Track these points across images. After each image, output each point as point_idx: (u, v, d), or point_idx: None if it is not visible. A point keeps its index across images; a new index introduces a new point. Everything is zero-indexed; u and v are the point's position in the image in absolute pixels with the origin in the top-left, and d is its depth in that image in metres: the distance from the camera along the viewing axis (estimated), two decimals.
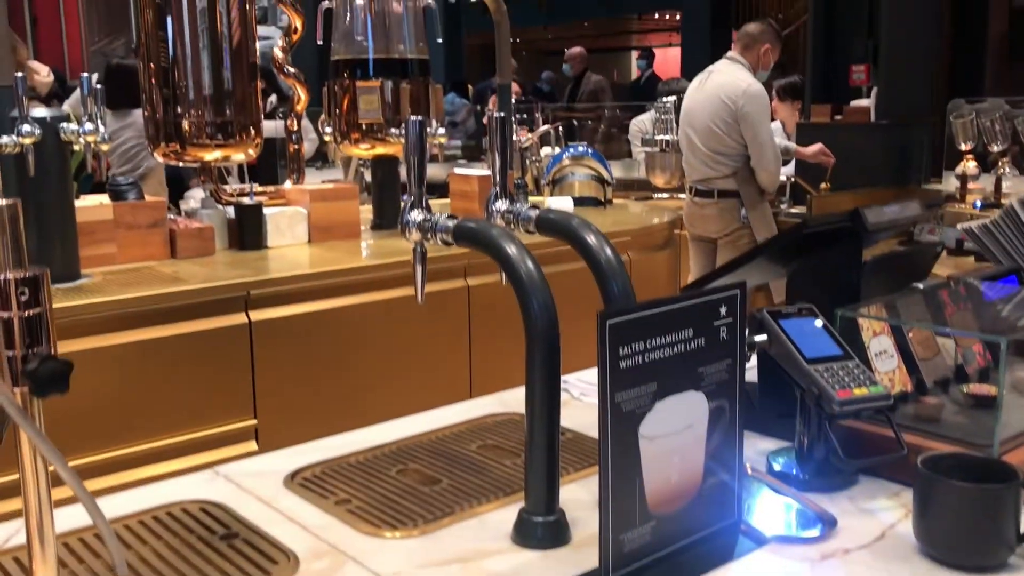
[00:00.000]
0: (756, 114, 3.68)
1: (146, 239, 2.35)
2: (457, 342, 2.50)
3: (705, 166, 3.84)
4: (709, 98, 3.78)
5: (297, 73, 2.80)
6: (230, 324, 2.09)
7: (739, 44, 3.94)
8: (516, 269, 0.98)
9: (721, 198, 3.86)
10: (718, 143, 3.76)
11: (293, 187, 2.77)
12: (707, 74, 3.93)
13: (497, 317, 2.46)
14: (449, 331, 2.47)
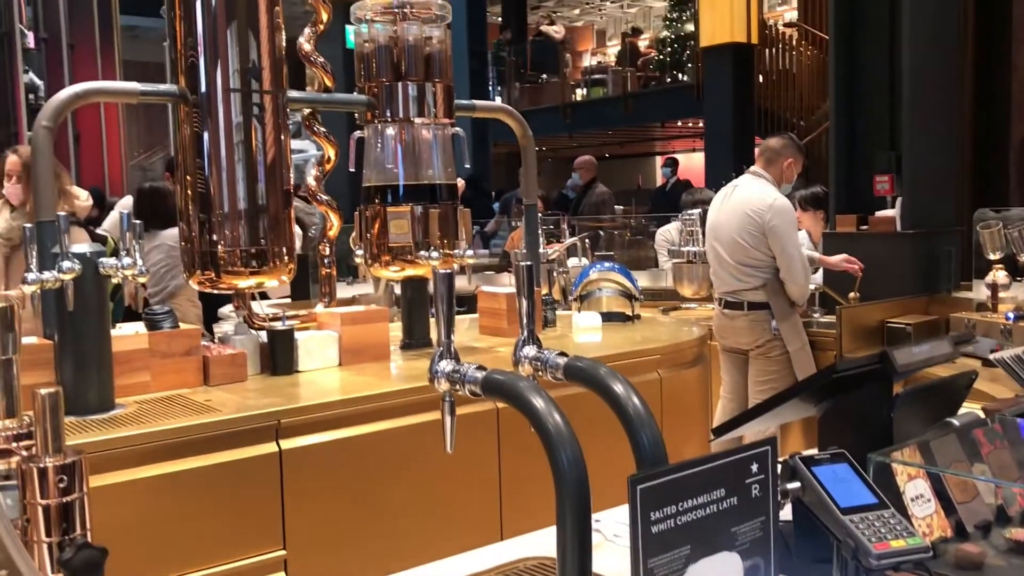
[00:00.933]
0: (783, 227, 3.74)
1: (180, 367, 2.38)
2: (487, 463, 2.48)
3: (734, 279, 3.87)
4: (735, 212, 3.84)
5: (330, 200, 2.88)
6: (261, 453, 2.10)
7: (762, 159, 4.02)
8: (544, 423, 0.99)
9: (751, 310, 3.88)
10: (746, 256, 3.80)
11: (324, 310, 2.81)
12: (732, 188, 4.00)
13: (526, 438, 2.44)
14: (479, 453, 2.46)
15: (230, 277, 2.50)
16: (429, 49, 2.85)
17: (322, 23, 2.80)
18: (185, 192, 2.48)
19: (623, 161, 18.97)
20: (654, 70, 14.52)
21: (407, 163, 2.85)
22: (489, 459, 2.46)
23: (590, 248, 5.23)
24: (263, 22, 2.47)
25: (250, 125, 2.46)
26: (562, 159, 20.06)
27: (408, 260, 2.85)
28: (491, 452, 2.47)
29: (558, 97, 14.70)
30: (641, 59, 14.92)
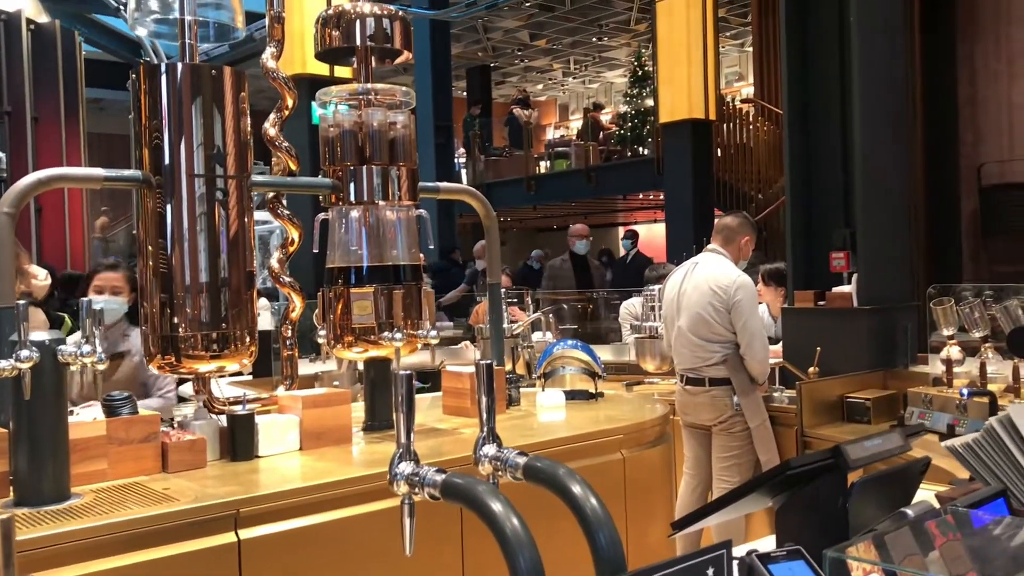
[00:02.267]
0: (747, 303, 3.82)
1: (139, 453, 2.35)
2: (451, 550, 2.45)
3: (694, 355, 3.91)
4: (698, 289, 3.91)
5: (292, 282, 2.88)
6: (219, 544, 2.06)
7: (720, 236, 4.11)
8: (502, 528, 0.99)
9: (712, 386, 3.92)
10: (709, 331, 3.86)
11: (286, 393, 2.80)
12: (692, 265, 4.08)
13: None
14: (442, 540, 2.43)
15: (191, 361, 2.48)
16: (393, 134, 2.90)
17: (287, 108, 2.84)
18: (147, 272, 2.48)
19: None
20: (615, 144, 14.81)
21: (371, 244, 2.87)
22: (452, 547, 2.44)
23: (554, 322, 5.26)
24: (229, 109, 2.51)
25: (213, 209, 2.47)
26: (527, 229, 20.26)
27: (371, 341, 2.85)
28: (455, 540, 2.44)
29: (522, 169, 14.90)
30: (603, 133, 15.22)
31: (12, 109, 10.96)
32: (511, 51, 19.72)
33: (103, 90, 16.61)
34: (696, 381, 3.94)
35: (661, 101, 11.05)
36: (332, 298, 2.89)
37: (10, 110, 10.97)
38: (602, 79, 23.01)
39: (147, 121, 2.46)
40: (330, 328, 2.90)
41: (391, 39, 2.93)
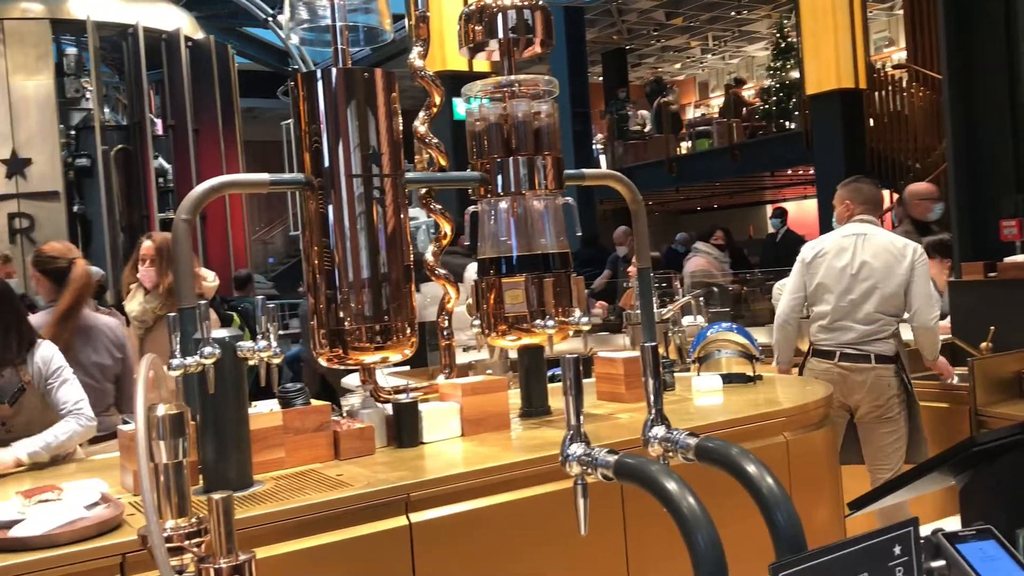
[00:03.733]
0: (926, 270, 3.85)
1: (313, 442, 2.47)
2: (613, 532, 2.46)
3: (867, 329, 3.85)
4: (879, 257, 3.87)
5: (447, 275, 2.96)
6: (391, 527, 2.15)
7: (868, 206, 4.06)
8: (678, 506, 1.00)
9: (879, 363, 3.80)
10: (896, 302, 3.85)
11: (446, 381, 2.88)
12: (858, 237, 3.98)
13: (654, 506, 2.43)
14: (605, 522, 2.45)
15: (357, 353, 2.59)
16: (538, 124, 2.93)
17: (435, 106, 2.91)
18: (312, 269, 2.60)
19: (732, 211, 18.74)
20: (760, 120, 14.40)
21: (520, 234, 2.92)
22: (615, 528, 2.45)
23: (704, 305, 5.18)
24: (381, 110, 2.60)
25: (371, 207, 2.57)
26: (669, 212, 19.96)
27: (524, 329, 2.89)
28: (616, 521, 2.46)
29: (663, 151, 14.71)
30: (746, 109, 14.82)
31: (175, 122, 11.69)
32: (646, 32, 19.47)
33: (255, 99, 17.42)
34: (860, 357, 3.82)
35: (807, 72, 10.66)
36: (484, 288, 2.95)
37: (173, 123, 11.70)
38: (742, 54, 22.39)
39: (306, 126, 2.58)
40: (484, 318, 2.96)
41: (533, 29, 2.95)
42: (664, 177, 14.53)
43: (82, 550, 1.84)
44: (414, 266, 2.69)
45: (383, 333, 2.59)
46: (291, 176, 2.63)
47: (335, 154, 2.54)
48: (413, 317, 2.67)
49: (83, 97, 11.05)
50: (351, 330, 2.56)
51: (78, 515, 1.96)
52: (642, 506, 2.43)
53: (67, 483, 2.16)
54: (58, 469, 2.72)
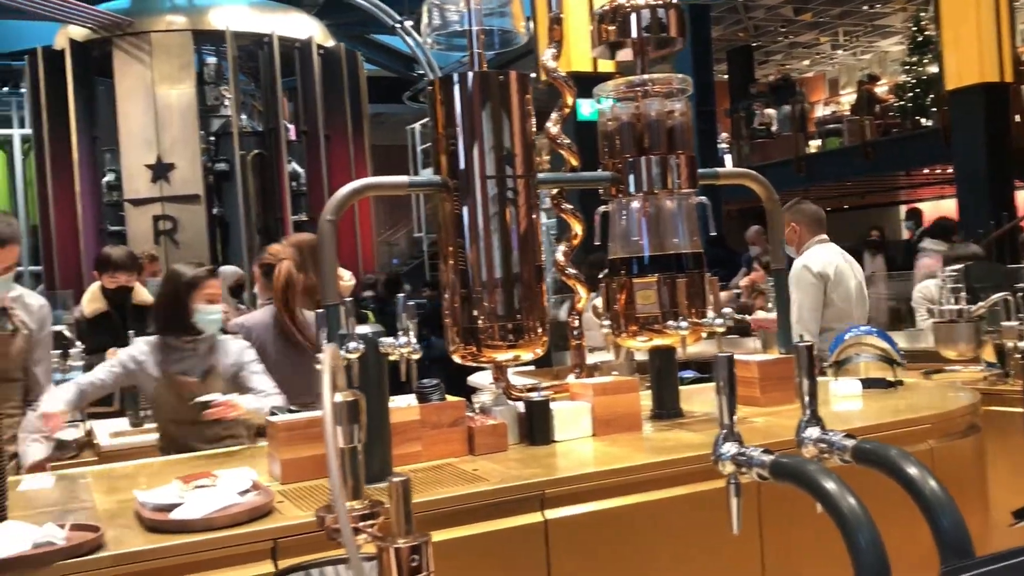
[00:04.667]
0: None
1: (448, 437, 2.53)
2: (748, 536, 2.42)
3: None
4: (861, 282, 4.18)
5: (577, 274, 2.97)
6: (526, 523, 2.18)
7: (823, 228, 4.20)
8: (838, 506, 0.98)
9: None
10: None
11: (576, 381, 2.89)
12: (844, 256, 4.39)
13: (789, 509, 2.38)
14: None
15: (489, 351, 2.64)
16: (671, 122, 2.92)
17: (567, 107, 2.93)
18: (447, 269, 2.66)
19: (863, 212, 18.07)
20: (894, 116, 13.85)
21: (652, 234, 2.90)
22: (750, 530, 2.41)
23: None
24: (515, 112, 2.63)
25: (504, 207, 2.60)
26: None
27: (655, 330, 2.88)
28: (752, 524, 2.41)
29: (791, 150, 14.32)
30: (879, 106, 14.29)
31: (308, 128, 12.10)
32: (774, 29, 19.00)
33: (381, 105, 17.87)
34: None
35: (947, 66, 10.19)
36: (615, 288, 2.95)
37: (306, 130, 12.11)
38: (875, 49, 21.59)
39: (443, 129, 2.64)
40: (614, 318, 2.96)
41: (666, 28, 2.94)
42: (792, 177, 14.14)
43: (237, 534, 1.94)
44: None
45: (515, 331, 2.63)
46: (428, 178, 2.69)
47: (470, 156, 2.59)
48: (544, 316, 2.70)
49: (222, 104, 11.58)
50: (484, 328, 2.61)
51: (232, 501, 2.06)
52: (779, 509, 2.39)
53: (220, 471, 2.27)
54: (210, 458, 2.87)
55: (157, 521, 1.98)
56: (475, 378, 5.36)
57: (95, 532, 1.89)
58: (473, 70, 2.67)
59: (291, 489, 2.28)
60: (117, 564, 1.84)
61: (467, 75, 2.63)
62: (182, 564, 1.89)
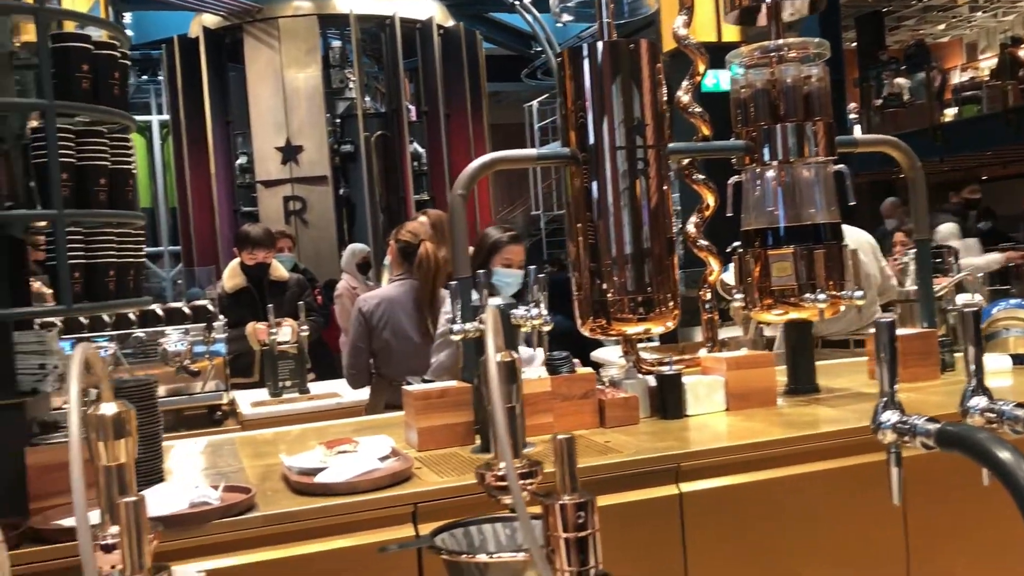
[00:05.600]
0: None
1: (579, 408, 2.54)
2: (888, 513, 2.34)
3: None
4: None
5: (709, 246, 2.92)
6: (661, 495, 2.16)
7: None
8: (1014, 476, 0.93)
9: None
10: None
11: (709, 355, 2.84)
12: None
13: (935, 488, 2.28)
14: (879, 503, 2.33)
15: (619, 324, 2.62)
16: (808, 88, 2.82)
17: (699, 74, 2.87)
18: (576, 242, 2.65)
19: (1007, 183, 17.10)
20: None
21: (788, 204, 2.82)
22: (893, 511, 2.33)
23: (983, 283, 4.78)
24: (646, 81, 2.59)
25: (635, 179, 2.58)
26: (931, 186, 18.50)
27: (791, 303, 2.80)
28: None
29: (924, 119, 13.66)
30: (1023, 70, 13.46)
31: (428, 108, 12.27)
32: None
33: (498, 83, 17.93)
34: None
35: None
36: (749, 260, 2.88)
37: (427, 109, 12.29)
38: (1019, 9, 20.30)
39: (572, 102, 2.63)
40: (747, 291, 2.90)
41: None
42: (927, 146, 13.48)
43: (379, 497, 2.00)
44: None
45: (645, 304, 2.61)
46: (557, 150, 2.69)
47: (600, 127, 2.58)
48: (676, 290, 2.67)
49: (347, 87, 11.85)
50: (614, 301, 2.60)
51: (373, 466, 2.12)
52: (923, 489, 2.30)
53: (360, 437, 2.34)
54: (345, 424, 2.96)
55: (303, 484, 2.06)
56: (598, 354, 5.36)
57: (247, 493, 1.98)
58: (602, 40, 2.65)
59: (427, 456, 2.33)
60: (267, 524, 1.92)
61: (596, 45, 2.61)
62: (327, 526, 1.96)
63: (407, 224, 4.02)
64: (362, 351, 3.64)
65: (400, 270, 3.84)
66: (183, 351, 3.56)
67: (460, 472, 2.16)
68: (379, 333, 3.58)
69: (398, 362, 3.55)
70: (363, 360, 3.64)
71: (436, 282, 3.64)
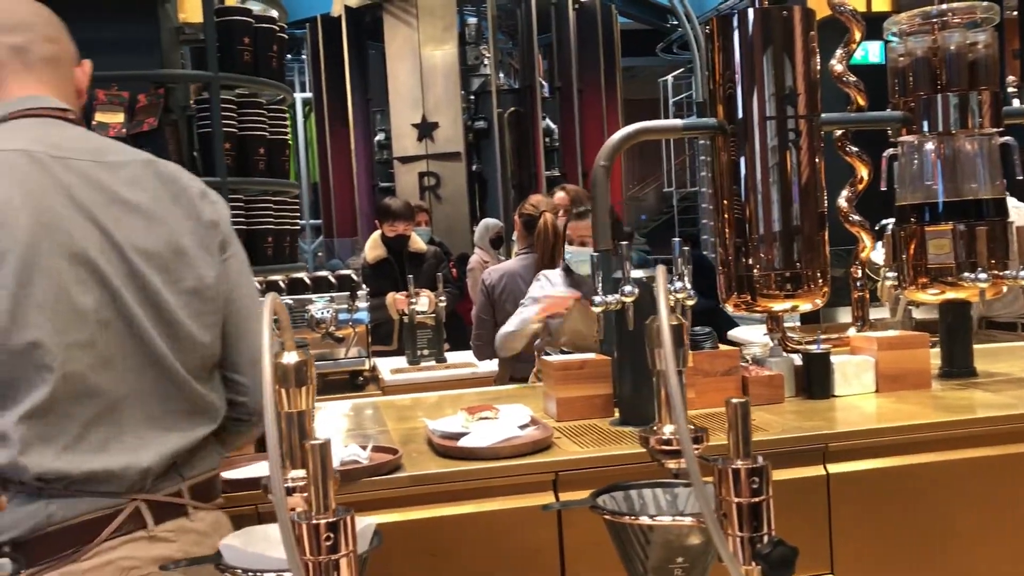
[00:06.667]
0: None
1: (721, 385, 2.49)
2: None
3: None
4: None
5: (862, 221, 2.81)
6: (808, 475, 2.11)
7: None
8: None
9: None
10: None
11: (858, 334, 2.74)
12: None
13: None
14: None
15: (765, 300, 2.56)
16: (973, 56, 2.66)
17: (855, 43, 2.75)
18: (722, 217, 2.60)
19: None
20: None
21: (948, 178, 2.68)
22: None
23: None
24: (799, 50, 2.51)
25: (785, 151, 2.50)
26: None
27: (949, 283, 2.66)
28: None
29: None
30: None
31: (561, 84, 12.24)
32: None
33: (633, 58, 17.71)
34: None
35: None
36: (904, 237, 2.76)
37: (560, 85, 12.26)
38: None
39: (720, 72, 2.57)
40: (901, 269, 2.78)
41: None
42: None
43: (521, 464, 2.02)
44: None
45: (793, 281, 2.53)
46: (704, 120, 2.63)
47: (749, 98, 2.51)
48: (826, 267, 2.58)
49: (481, 64, 11.95)
50: (760, 277, 2.53)
51: (514, 433, 2.15)
52: None
53: (500, 405, 2.37)
54: (483, 393, 3.01)
55: (447, 447, 2.11)
56: (736, 333, 5.25)
57: (394, 454, 2.03)
58: (753, 7, 2.57)
59: (565, 427, 2.34)
60: (414, 484, 1.98)
61: (747, 13, 2.53)
62: (470, 489, 2.00)
63: (530, 197, 4.04)
64: (486, 322, 3.68)
65: (524, 243, 3.86)
66: (328, 318, 3.68)
67: (600, 444, 2.16)
68: (501, 305, 3.62)
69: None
70: (488, 331, 3.68)
71: (555, 253, 3.63)
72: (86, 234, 1.31)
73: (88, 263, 1.30)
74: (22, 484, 1.24)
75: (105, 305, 1.30)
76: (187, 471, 1.41)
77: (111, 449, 1.30)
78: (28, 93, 1.39)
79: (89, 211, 1.32)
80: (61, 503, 1.26)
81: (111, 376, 1.30)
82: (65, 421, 1.26)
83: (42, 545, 1.24)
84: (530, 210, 3.89)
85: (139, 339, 1.33)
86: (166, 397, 1.36)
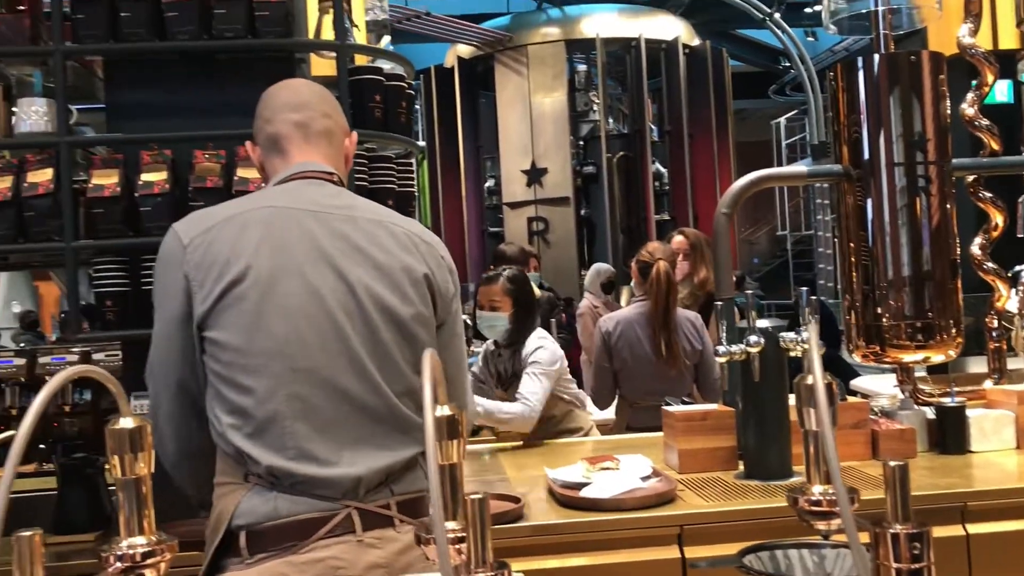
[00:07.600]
0: None
1: (850, 439, 2.41)
2: None
3: None
4: None
5: (997, 270, 2.70)
6: (946, 535, 2.02)
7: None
8: None
9: None
10: None
11: (995, 387, 2.63)
12: None
13: None
14: None
15: (895, 351, 2.48)
16: None
17: (987, 85, 2.68)
18: (848, 262, 2.54)
19: None
20: None
21: None
22: None
23: None
24: (927, 92, 2.45)
25: (915, 197, 2.44)
26: None
27: None
28: None
29: None
30: None
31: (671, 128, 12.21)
32: None
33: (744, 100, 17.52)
34: None
35: None
36: None
37: (669, 129, 12.23)
38: None
39: (845, 116, 2.53)
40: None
41: None
42: None
43: (645, 516, 2.00)
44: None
45: (925, 331, 2.45)
46: (829, 167, 2.59)
47: (875, 142, 2.46)
48: (959, 315, 2.49)
49: (591, 110, 12.04)
50: (889, 327, 2.46)
51: (636, 484, 2.13)
52: None
53: (621, 456, 2.35)
54: (602, 442, 2.99)
55: (569, 497, 2.10)
56: (859, 383, 5.08)
57: (516, 503, 2.04)
58: (879, 52, 2.53)
59: (688, 479, 2.31)
60: (536, 534, 1.98)
61: (872, 58, 2.50)
62: (593, 540, 1.99)
63: (647, 244, 4.00)
64: (605, 371, 3.66)
65: (641, 291, 3.83)
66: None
67: (725, 497, 2.12)
68: (618, 353, 3.60)
69: (636, 382, 3.53)
70: (606, 380, 3.66)
71: (670, 301, 3.58)
72: (322, 274, 1.51)
73: (319, 300, 1.49)
74: (259, 478, 1.45)
75: (331, 337, 1.49)
76: (397, 487, 1.53)
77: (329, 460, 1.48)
78: (305, 159, 1.64)
79: (329, 256, 1.52)
80: (286, 499, 1.45)
81: (329, 396, 1.48)
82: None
83: (269, 535, 1.43)
84: (646, 257, 3.87)
85: (357, 366, 1.50)
86: (377, 419, 1.52)
